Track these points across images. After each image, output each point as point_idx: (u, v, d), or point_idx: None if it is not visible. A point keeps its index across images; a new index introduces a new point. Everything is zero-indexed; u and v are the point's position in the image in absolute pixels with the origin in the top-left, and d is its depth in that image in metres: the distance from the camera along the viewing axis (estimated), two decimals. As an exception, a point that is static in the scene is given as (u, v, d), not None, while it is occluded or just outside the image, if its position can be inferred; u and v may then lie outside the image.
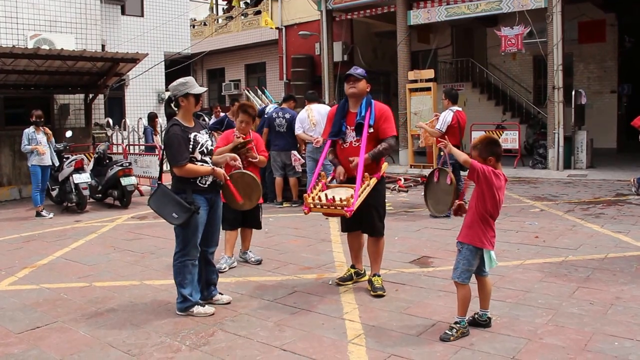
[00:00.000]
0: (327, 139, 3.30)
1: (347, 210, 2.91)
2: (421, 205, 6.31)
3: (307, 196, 3.07)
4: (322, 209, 3.02)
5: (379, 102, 3.28)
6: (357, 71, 3.24)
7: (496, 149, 2.56)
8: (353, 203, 2.92)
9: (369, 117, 3.14)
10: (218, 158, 3.07)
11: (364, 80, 3.20)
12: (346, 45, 12.63)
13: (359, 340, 2.53)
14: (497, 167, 2.55)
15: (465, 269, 2.54)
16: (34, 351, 2.53)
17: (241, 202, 3.11)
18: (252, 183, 3.18)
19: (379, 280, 3.25)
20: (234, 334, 2.64)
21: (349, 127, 3.22)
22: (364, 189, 3.05)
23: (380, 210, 3.26)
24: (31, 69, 7.24)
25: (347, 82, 3.22)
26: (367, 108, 3.17)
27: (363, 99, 3.21)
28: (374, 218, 3.21)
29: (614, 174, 8.11)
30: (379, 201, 3.24)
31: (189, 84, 2.91)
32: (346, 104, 3.28)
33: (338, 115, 3.26)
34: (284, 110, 6.39)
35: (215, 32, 16.09)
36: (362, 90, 3.20)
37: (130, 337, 2.65)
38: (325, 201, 2.99)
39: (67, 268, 3.99)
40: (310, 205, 3.04)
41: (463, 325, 2.55)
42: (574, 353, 2.32)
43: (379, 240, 3.28)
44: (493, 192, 2.50)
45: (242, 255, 3.90)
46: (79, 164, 6.39)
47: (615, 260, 3.72)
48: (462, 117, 5.58)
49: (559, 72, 8.75)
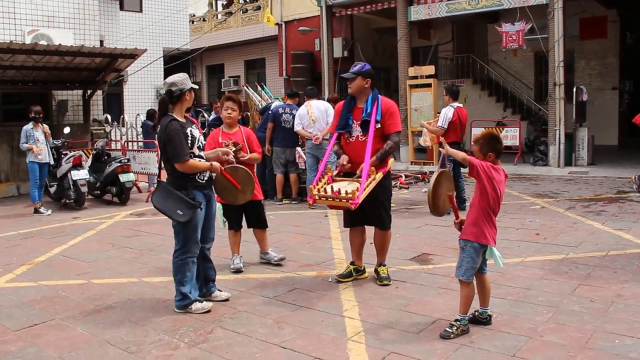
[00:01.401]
0: (334, 132, 3.33)
1: (352, 202, 2.94)
2: (422, 202, 6.29)
3: (313, 187, 3.09)
4: (328, 200, 3.06)
5: (385, 97, 3.30)
6: (353, 69, 3.26)
7: (497, 145, 2.57)
8: (358, 196, 2.94)
9: (376, 112, 3.16)
10: (209, 153, 3.07)
11: (359, 77, 3.21)
12: (346, 41, 12.56)
13: (359, 337, 2.52)
14: (497, 163, 2.56)
15: (470, 267, 2.53)
16: (31, 349, 2.52)
17: (239, 188, 3.08)
18: (246, 177, 3.15)
19: (385, 270, 3.33)
20: (232, 331, 2.62)
21: (355, 121, 3.24)
22: (369, 183, 3.07)
23: (387, 204, 3.31)
24: (29, 64, 7.18)
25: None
26: (373, 104, 3.18)
27: (369, 94, 3.22)
28: (381, 212, 3.26)
29: (615, 171, 8.08)
30: (385, 196, 3.29)
31: (189, 79, 2.93)
32: (353, 99, 3.31)
33: (345, 109, 3.29)
34: (291, 107, 6.34)
35: (215, 28, 16.03)
36: (359, 87, 3.22)
37: (129, 334, 2.64)
38: (331, 193, 3.01)
39: (65, 265, 3.97)
40: (316, 197, 3.07)
41: (464, 323, 2.54)
42: (574, 351, 2.31)
43: (386, 233, 3.35)
44: (494, 186, 2.50)
45: (263, 256, 3.81)
46: (77, 161, 6.35)
47: (616, 257, 3.71)
48: (463, 114, 5.55)
49: (560, 69, 8.71)
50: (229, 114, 3.62)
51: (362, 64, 3.30)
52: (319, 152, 6.01)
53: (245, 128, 3.83)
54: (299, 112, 6.13)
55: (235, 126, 3.68)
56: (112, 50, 7.42)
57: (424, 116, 9.46)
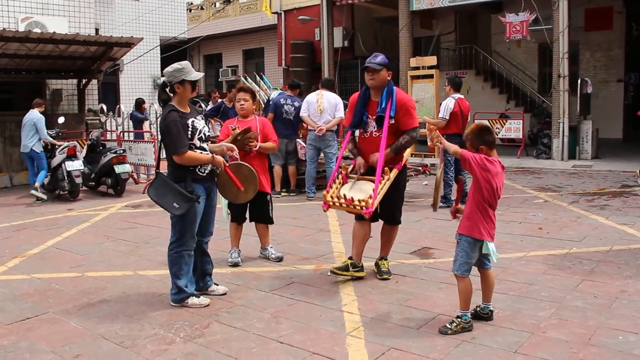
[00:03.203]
0: (349, 129, 3.25)
1: (365, 212, 2.92)
2: (422, 195, 6.24)
3: (327, 193, 3.08)
4: (342, 207, 3.08)
5: (400, 91, 3.19)
6: (376, 60, 3.10)
7: (487, 137, 2.48)
8: (372, 204, 2.92)
9: (390, 108, 3.06)
10: (214, 146, 2.97)
11: (384, 69, 3.09)
12: (347, 31, 12.39)
13: (358, 332, 2.48)
14: (491, 155, 2.48)
15: (464, 262, 2.48)
16: (24, 343, 2.48)
17: (241, 189, 3.02)
18: (249, 175, 3.07)
19: (386, 264, 3.30)
20: (229, 326, 2.59)
21: (370, 116, 3.15)
22: (384, 184, 3.02)
23: (400, 201, 3.28)
24: (22, 52, 7.05)
25: (367, 73, 3.12)
26: (388, 98, 3.08)
27: (384, 87, 3.12)
28: (393, 208, 3.23)
29: (619, 165, 8.02)
30: (399, 192, 3.25)
31: (185, 70, 2.78)
32: (367, 92, 3.20)
33: (359, 104, 3.18)
34: (293, 98, 6.26)
35: (213, 17, 15.81)
36: (383, 80, 3.10)
37: (123, 328, 2.60)
38: (344, 200, 3.01)
39: (59, 258, 3.92)
40: (330, 203, 3.08)
41: (465, 320, 2.49)
42: (577, 347, 2.28)
43: (394, 228, 3.31)
44: (488, 179, 2.43)
45: (262, 252, 3.75)
46: (71, 151, 6.25)
47: (620, 252, 3.67)
48: (465, 105, 5.48)
49: (565, 60, 8.60)
50: (242, 105, 3.55)
51: (382, 55, 3.16)
52: (321, 144, 5.95)
53: (262, 117, 3.75)
54: (308, 98, 6.04)
55: (251, 116, 3.60)
56: (107, 39, 7.29)
57: (426, 108, 9.35)
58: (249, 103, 3.55)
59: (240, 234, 3.67)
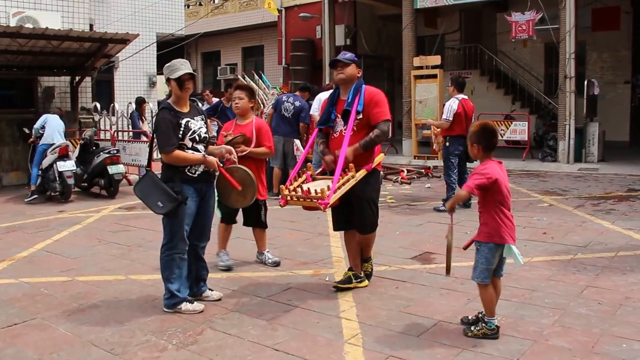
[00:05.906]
0: (316, 127, 3.14)
1: (321, 202, 2.65)
2: (425, 198, 6.14)
3: (284, 187, 2.87)
4: (299, 201, 2.80)
5: (370, 87, 3.06)
6: (345, 56, 3.05)
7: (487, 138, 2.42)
8: (329, 195, 2.67)
9: (357, 103, 2.94)
10: (214, 148, 2.92)
11: (353, 64, 3.01)
12: (349, 29, 12.27)
13: (356, 340, 2.43)
14: (488, 157, 2.43)
15: (485, 268, 2.43)
16: (10, 350, 2.42)
17: (238, 189, 2.94)
18: (247, 179, 2.99)
19: (368, 266, 3.17)
20: (223, 333, 2.53)
21: (338, 115, 3.03)
22: (346, 180, 2.84)
23: (372, 205, 3.01)
24: (13, 48, 6.84)
25: (335, 68, 3.03)
26: (355, 94, 2.96)
27: (353, 84, 3.01)
28: (364, 213, 3.00)
29: (626, 169, 7.92)
30: (370, 195, 3.00)
31: (170, 68, 2.76)
32: (337, 91, 3.11)
33: (329, 102, 3.09)
34: (295, 97, 6.17)
35: (211, 13, 15.70)
36: (351, 75, 3.01)
37: (114, 335, 2.54)
38: (302, 193, 2.79)
39: (49, 261, 3.84)
40: (287, 198, 2.84)
41: (489, 326, 2.42)
42: (580, 355, 2.23)
43: (367, 237, 3.08)
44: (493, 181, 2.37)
45: (258, 257, 3.66)
46: (63, 151, 6.02)
47: (626, 258, 3.61)
48: (469, 106, 5.41)
49: (571, 61, 8.48)
50: (236, 104, 3.46)
51: (351, 53, 3.12)
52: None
53: (259, 120, 3.62)
54: (320, 95, 5.90)
55: (249, 117, 3.49)
56: (102, 35, 7.09)
57: (429, 109, 9.24)
58: (244, 101, 3.45)
59: (229, 236, 3.57)
